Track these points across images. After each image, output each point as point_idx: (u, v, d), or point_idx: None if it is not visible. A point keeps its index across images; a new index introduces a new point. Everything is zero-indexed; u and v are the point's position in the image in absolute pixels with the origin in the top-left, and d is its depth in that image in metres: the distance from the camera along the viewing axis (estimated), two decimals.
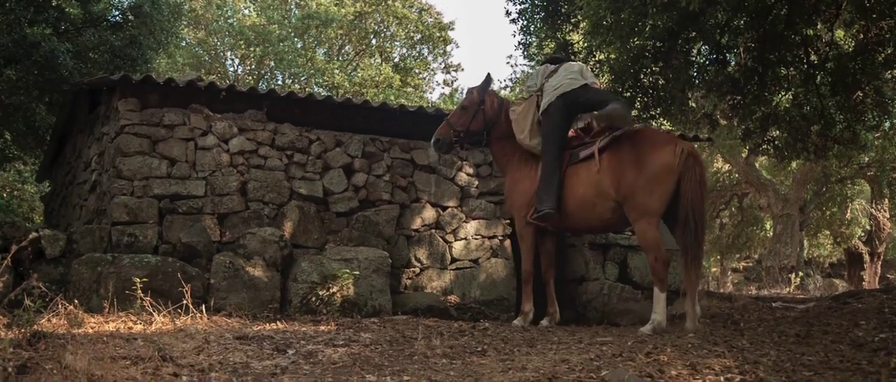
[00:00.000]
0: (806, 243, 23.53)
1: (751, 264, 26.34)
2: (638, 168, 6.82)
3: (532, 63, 15.70)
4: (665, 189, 6.75)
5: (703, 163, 7.05)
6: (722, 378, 4.39)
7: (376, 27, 27.91)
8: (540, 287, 7.85)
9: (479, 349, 5.50)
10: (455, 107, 8.38)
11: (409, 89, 27.45)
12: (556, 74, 7.61)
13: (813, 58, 10.56)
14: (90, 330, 5.65)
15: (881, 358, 4.82)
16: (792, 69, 10.67)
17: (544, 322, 7.58)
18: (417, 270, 9.36)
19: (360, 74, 26.01)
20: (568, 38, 12.12)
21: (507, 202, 8.09)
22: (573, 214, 7.33)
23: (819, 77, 10.62)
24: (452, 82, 32.29)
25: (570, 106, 7.40)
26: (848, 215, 21.53)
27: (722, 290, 17.86)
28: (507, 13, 12.14)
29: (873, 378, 4.35)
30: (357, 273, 8.05)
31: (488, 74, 8.12)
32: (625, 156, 6.93)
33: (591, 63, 11.87)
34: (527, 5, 12.73)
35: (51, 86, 13.03)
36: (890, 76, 11.10)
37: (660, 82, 10.68)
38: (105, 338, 4.99)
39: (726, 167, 21.95)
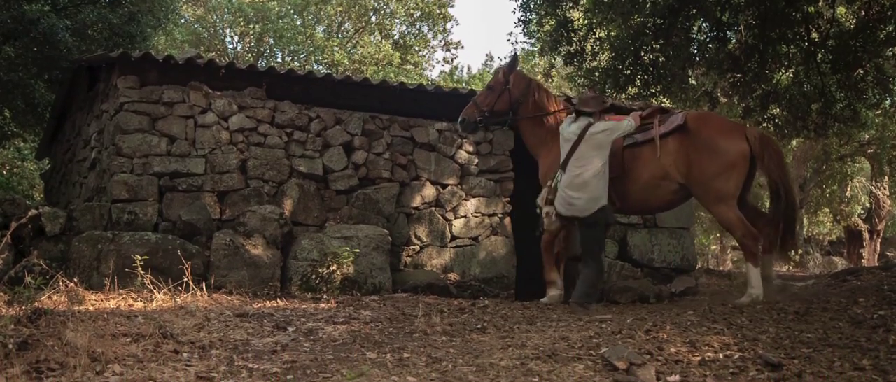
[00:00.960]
0: (806, 221, 23.54)
1: None
2: (711, 155, 7.01)
3: (532, 40, 15.63)
4: (741, 174, 7.05)
5: (777, 142, 7.40)
6: (721, 355, 4.41)
7: (376, 4, 27.78)
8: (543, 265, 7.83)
9: (478, 326, 5.51)
10: (483, 88, 8.19)
11: (409, 67, 27.38)
12: (581, 145, 7.16)
13: (814, 35, 10.53)
14: (91, 308, 5.67)
15: (880, 335, 4.84)
16: (793, 47, 10.65)
17: (545, 299, 7.55)
18: (417, 248, 9.37)
19: (359, 52, 25.94)
20: (568, 14, 12.06)
21: (543, 182, 7.77)
22: (633, 197, 7.42)
23: (820, 54, 10.60)
24: (452, 60, 32.21)
25: None
26: (848, 193, 21.55)
27: (721, 268, 17.91)
28: None
29: (872, 355, 4.37)
30: (357, 250, 8.06)
31: (515, 54, 8.02)
32: (695, 143, 7.10)
33: (592, 40, 11.83)
34: None
35: (50, 63, 12.99)
36: (891, 53, 11.08)
37: (660, 59, 10.66)
38: (106, 315, 5.01)
39: None
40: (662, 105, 8.35)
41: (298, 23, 26.29)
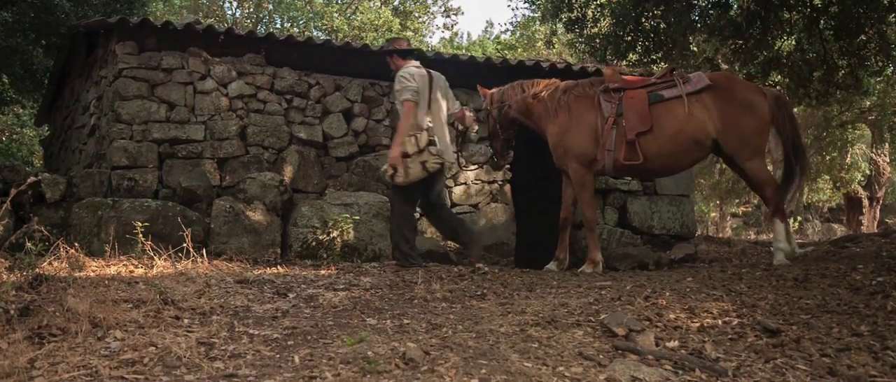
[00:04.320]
0: (805, 188, 23.53)
1: (750, 209, 26.42)
2: (750, 111, 7.17)
3: (533, 7, 15.53)
4: (768, 131, 7.34)
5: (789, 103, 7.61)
6: (720, 322, 4.42)
7: None
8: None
9: (478, 293, 5.53)
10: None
11: (409, 33, 27.24)
12: (435, 91, 7.36)
13: (816, 1, 10.45)
14: (91, 274, 5.68)
15: (878, 301, 4.86)
16: (795, 13, 10.58)
17: (551, 265, 7.54)
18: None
19: (359, 18, 25.79)
20: None
21: (556, 151, 7.60)
22: (664, 152, 7.27)
23: (822, 21, 10.53)
24: (452, 26, 31.98)
25: None
26: (848, 160, 21.50)
27: (721, 235, 17.95)
28: None
29: (870, 321, 4.39)
30: (357, 218, 8.06)
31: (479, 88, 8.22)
32: (731, 100, 7.21)
33: (593, 6, 11.75)
34: None
35: (48, 29, 12.92)
36: (894, 20, 11.00)
37: (661, 26, 10.60)
38: (106, 282, 5.02)
39: None
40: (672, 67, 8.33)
41: None
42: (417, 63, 7.29)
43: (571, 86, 7.65)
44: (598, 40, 11.31)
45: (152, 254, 6.42)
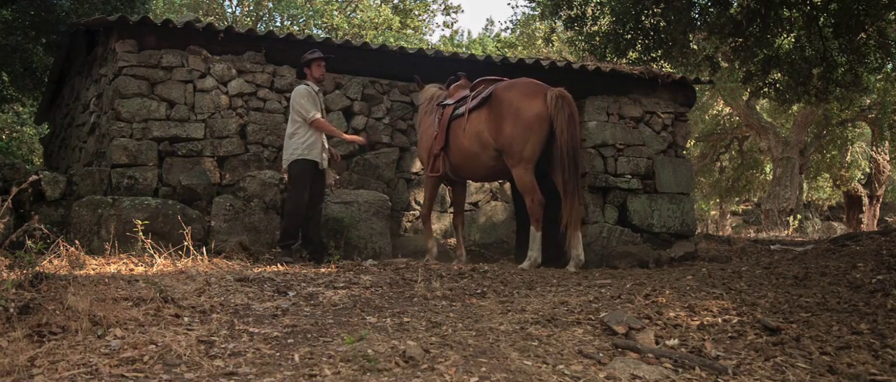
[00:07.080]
0: (805, 186, 23.54)
1: (750, 207, 26.42)
2: (513, 118, 7.39)
3: (533, 4, 15.52)
4: (538, 137, 7.38)
5: (573, 102, 7.50)
6: (719, 320, 4.43)
7: None
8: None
9: (478, 291, 5.53)
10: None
11: (409, 31, 27.22)
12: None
13: None
14: (92, 272, 5.69)
15: (878, 300, 4.86)
16: (794, 11, 10.57)
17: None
18: (417, 213, 9.38)
19: (359, 16, 25.77)
20: None
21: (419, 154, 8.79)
22: (460, 165, 7.98)
23: (822, 19, 10.52)
24: (452, 24, 31.97)
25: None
26: (848, 158, 21.51)
27: (721, 233, 17.95)
28: None
29: (870, 319, 4.39)
30: (357, 216, 8.06)
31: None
32: (502, 109, 7.46)
33: (592, 4, 11.75)
34: None
35: (48, 27, 12.92)
36: (893, 17, 10.99)
37: (661, 24, 10.59)
38: (107, 280, 5.02)
39: (727, 110, 21.86)
40: (492, 76, 8.41)
41: None
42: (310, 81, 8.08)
43: (432, 96, 8.55)
44: (597, 38, 11.30)
45: (152, 252, 6.42)
